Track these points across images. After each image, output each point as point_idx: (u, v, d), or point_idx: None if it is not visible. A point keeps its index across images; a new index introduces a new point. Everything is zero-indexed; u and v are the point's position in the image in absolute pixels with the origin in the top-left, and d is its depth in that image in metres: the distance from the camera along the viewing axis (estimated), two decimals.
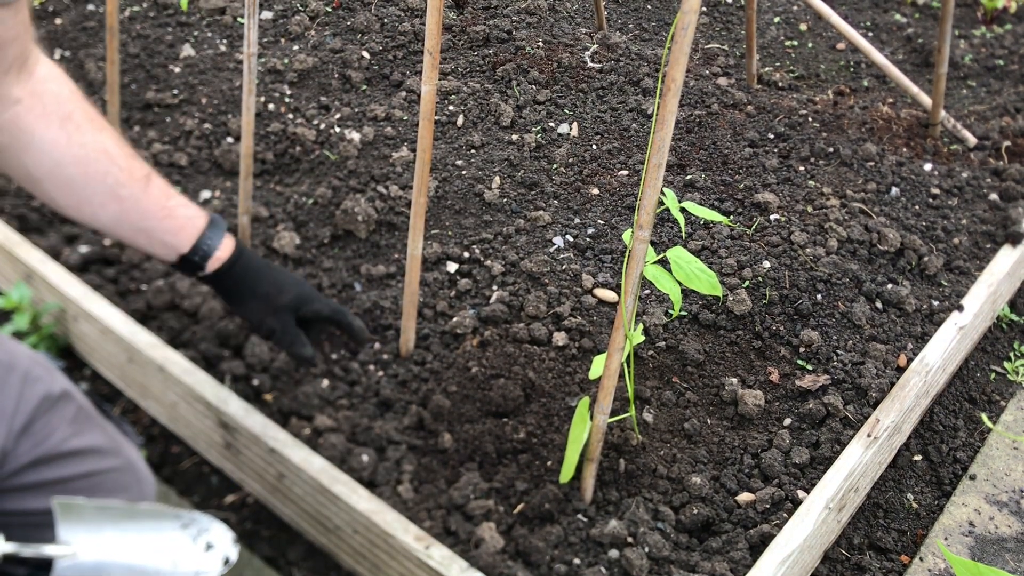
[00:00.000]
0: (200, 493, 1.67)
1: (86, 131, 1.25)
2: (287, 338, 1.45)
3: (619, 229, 2.18)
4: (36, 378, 1.27)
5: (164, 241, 1.33)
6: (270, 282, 1.43)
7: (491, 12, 3.06)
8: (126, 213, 1.29)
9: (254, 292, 1.41)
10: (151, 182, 1.31)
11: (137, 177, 1.29)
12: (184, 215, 1.34)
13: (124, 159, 1.28)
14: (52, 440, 1.27)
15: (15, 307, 1.85)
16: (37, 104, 1.21)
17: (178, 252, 1.34)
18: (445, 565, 1.38)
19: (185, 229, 1.34)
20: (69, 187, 1.25)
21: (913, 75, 2.84)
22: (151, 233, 1.32)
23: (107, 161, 1.26)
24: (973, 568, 0.94)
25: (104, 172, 1.26)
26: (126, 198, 1.28)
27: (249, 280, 1.41)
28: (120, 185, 1.27)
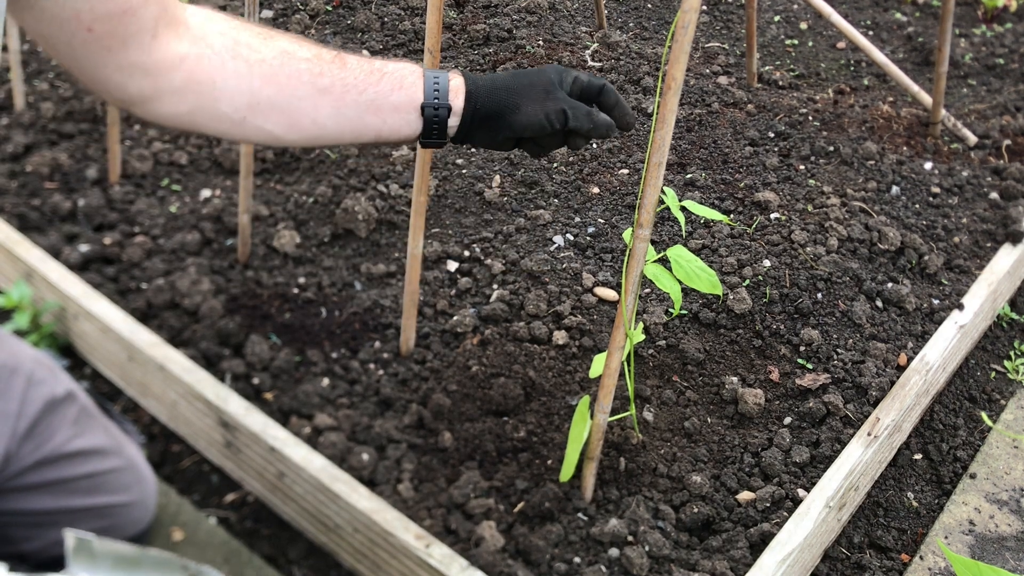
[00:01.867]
0: (200, 492, 1.67)
1: (259, 47, 1.14)
2: (580, 112, 1.20)
3: (619, 228, 2.17)
4: (40, 380, 1.27)
5: (394, 103, 1.17)
6: (519, 76, 1.22)
7: (491, 11, 3.06)
8: (341, 99, 1.16)
9: (517, 92, 1.20)
10: (345, 59, 1.19)
11: (328, 60, 1.17)
12: (396, 67, 1.19)
13: (306, 51, 1.17)
14: (55, 441, 1.27)
15: (15, 306, 1.85)
16: (205, 49, 1.11)
17: (415, 104, 1.17)
18: (445, 564, 1.38)
19: (405, 78, 1.18)
20: (274, 110, 1.14)
21: (913, 74, 2.84)
22: (377, 103, 1.16)
23: (292, 62, 1.15)
24: (973, 567, 0.94)
25: (296, 73, 1.14)
26: (331, 86, 1.15)
27: (502, 88, 1.20)
28: (317, 76, 1.15)
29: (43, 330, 1.87)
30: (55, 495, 1.29)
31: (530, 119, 1.19)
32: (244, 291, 1.94)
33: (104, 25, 1.00)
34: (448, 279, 2.00)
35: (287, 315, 1.90)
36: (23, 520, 1.29)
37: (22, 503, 1.27)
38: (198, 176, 2.28)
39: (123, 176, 2.24)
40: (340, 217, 2.10)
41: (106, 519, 1.36)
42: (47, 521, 1.30)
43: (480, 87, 1.20)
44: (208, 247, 2.06)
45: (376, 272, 2.00)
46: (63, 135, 2.38)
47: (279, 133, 1.16)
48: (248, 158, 1.88)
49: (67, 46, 1.02)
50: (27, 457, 1.24)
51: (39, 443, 1.25)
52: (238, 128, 1.15)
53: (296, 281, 1.97)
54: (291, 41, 1.16)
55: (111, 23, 1.00)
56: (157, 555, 1.17)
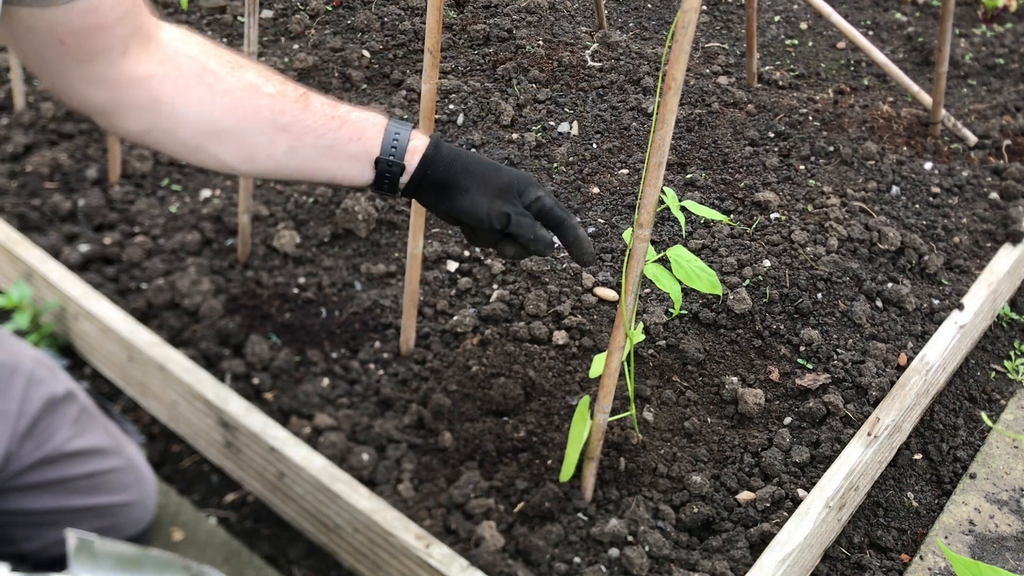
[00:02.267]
0: (200, 492, 1.67)
1: (226, 76, 1.14)
2: (526, 222, 1.18)
3: (619, 228, 2.17)
4: (40, 380, 1.27)
5: (351, 152, 1.17)
6: (484, 163, 1.21)
7: (491, 11, 3.06)
8: (299, 139, 1.16)
9: (472, 175, 1.19)
10: (309, 99, 1.18)
11: (292, 99, 1.17)
12: (359, 117, 1.19)
13: (272, 86, 1.16)
14: (55, 441, 1.27)
15: (15, 306, 1.85)
16: (171, 71, 1.11)
17: (370, 156, 1.17)
18: (445, 564, 1.38)
19: (366, 130, 1.18)
20: (232, 139, 1.14)
21: (913, 74, 2.84)
22: (334, 149, 1.16)
23: (255, 95, 1.14)
24: (973, 567, 0.94)
25: (256, 108, 1.14)
26: (290, 124, 1.15)
27: (460, 164, 1.19)
28: (278, 113, 1.15)
29: (43, 330, 1.87)
30: (55, 495, 1.29)
31: (471, 207, 1.19)
32: (244, 291, 1.94)
33: (76, 38, 1.01)
34: (448, 279, 2.00)
35: (287, 315, 1.90)
36: (23, 520, 1.29)
37: (22, 503, 1.27)
38: (198, 176, 2.28)
39: (123, 176, 2.24)
40: (340, 217, 2.10)
41: (106, 519, 1.36)
42: (47, 521, 1.30)
43: (440, 155, 1.20)
44: (208, 247, 2.06)
45: (376, 272, 2.00)
46: (63, 135, 2.38)
47: (233, 163, 1.17)
48: None
49: (36, 54, 1.03)
50: (27, 457, 1.24)
51: (39, 443, 1.25)
52: (193, 153, 1.15)
53: (296, 281, 1.97)
54: (258, 74, 1.16)
55: (84, 37, 1.01)
56: (159, 555, 1.17)
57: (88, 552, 1.10)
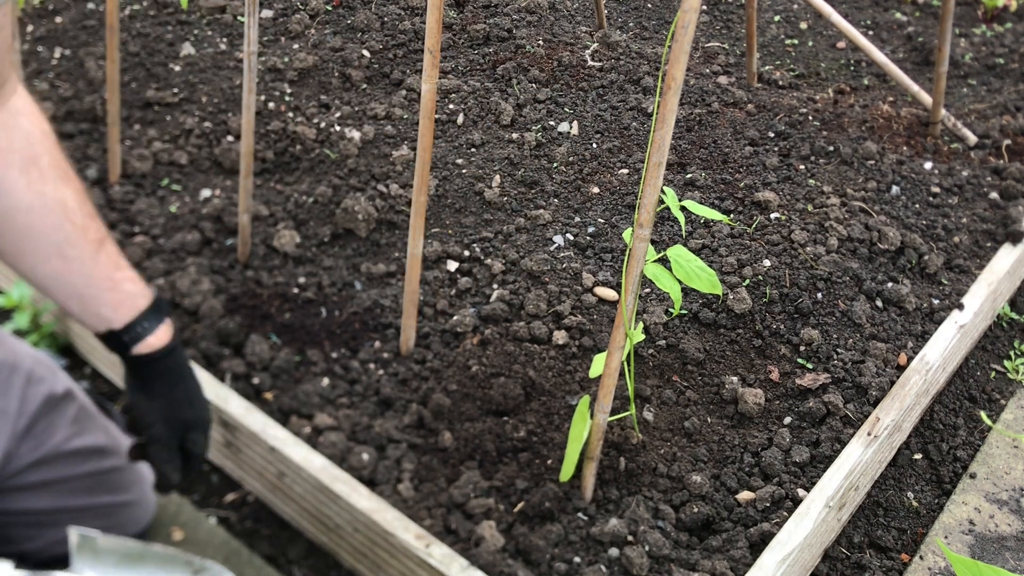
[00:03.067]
0: (200, 491, 1.67)
1: (48, 179, 1.15)
2: (166, 453, 1.27)
3: (619, 228, 2.17)
4: (39, 379, 1.27)
5: (99, 313, 1.21)
6: (185, 391, 1.29)
7: (491, 10, 3.06)
8: (68, 275, 1.18)
9: (166, 395, 1.27)
10: (103, 247, 1.21)
11: (90, 239, 1.19)
12: (128, 291, 1.23)
13: (81, 217, 1.18)
14: (54, 440, 1.27)
15: (15, 305, 1.85)
16: (3, 139, 1.11)
17: (110, 327, 1.22)
18: (445, 564, 1.38)
19: (124, 305, 1.22)
20: (14, 234, 1.14)
21: (913, 74, 2.84)
22: (88, 301, 1.21)
23: (62, 216, 1.16)
24: (973, 566, 0.94)
25: (56, 227, 1.15)
26: (72, 259, 1.17)
27: (169, 380, 1.27)
28: (69, 244, 1.17)
29: (43, 330, 1.87)
30: (55, 494, 1.29)
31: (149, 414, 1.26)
32: (244, 291, 1.94)
33: None
34: (448, 279, 2.00)
35: (287, 315, 1.90)
36: (23, 519, 1.29)
37: (22, 502, 1.27)
38: (198, 176, 2.28)
39: (123, 176, 2.24)
40: (340, 217, 2.10)
41: (106, 518, 1.36)
42: (47, 520, 1.30)
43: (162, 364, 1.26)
44: (208, 247, 2.06)
45: (376, 272, 2.00)
46: (63, 135, 2.38)
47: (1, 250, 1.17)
48: (248, 158, 1.88)
49: None
50: (27, 456, 1.24)
51: (39, 442, 1.25)
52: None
53: (296, 281, 1.97)
54: (75, 197, 1.17)
55: None
56: (161, 550, 1.17)
57: (90, 548, 1.10)
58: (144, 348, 1.23)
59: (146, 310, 1.23)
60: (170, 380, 1.27)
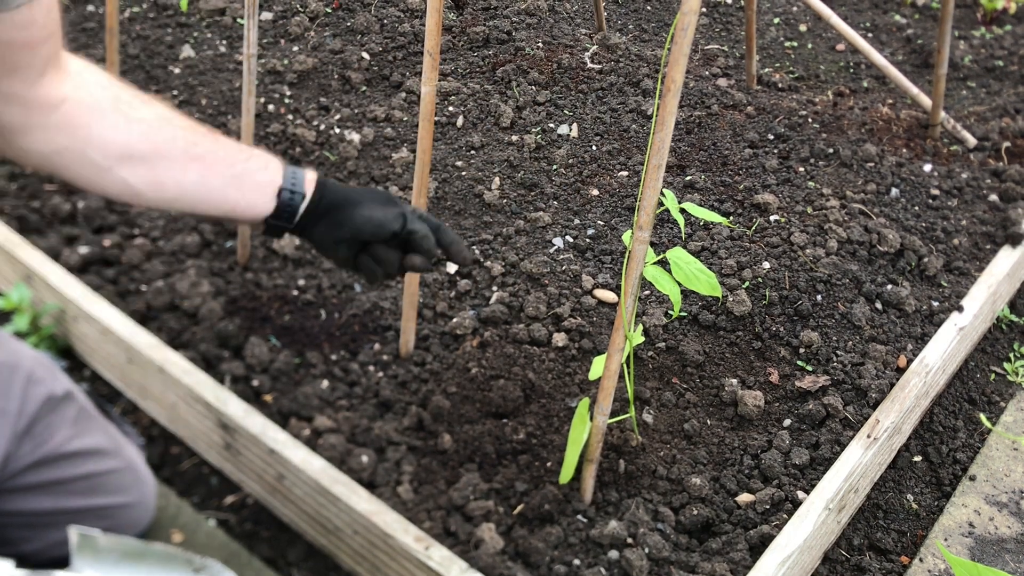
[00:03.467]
0: (200, 494, 1.67)
1: (139, 107, 1.18)
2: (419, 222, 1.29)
3: (619, 230, 2.18)
4: (39, 379, 1.27)
5: (257, 181, 1.22)
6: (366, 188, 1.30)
7: (491, 13, 3.06)
8: (211, 167, 1.20)
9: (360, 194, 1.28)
10: (218, 135, 1.24)
11: (203, 132, 1.22)
12: (261, 153, 1.26)
13: (184, 120, 1.21)
14: (54, 441, 1.27)
15: (15, 308, 1.85)
16: (84, 96, 1.14)
17: (274, 185, 1.23)
18: (445, 566, 1.38)
19: (270, 162, 1.24)
20: (144, 164, 1.17)
21: (913, 76, 2.84)
22: (242, 178, 1.22)
23: (170, 127, 1.19)
24: (973, 569, 0.94)
25: (172, 137, 1.18)
26: (203, 154, 1.20)
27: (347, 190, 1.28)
28: (192, 144, 1.19)
29: (43, 332, 1.87)
30: (54, 496, 1.29)
31: (371, 215, 1.26)
32: (243, 293, 1.94)
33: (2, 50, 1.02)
34: (448, 281, 2.00)
35: (287, 317, 1.90)
36: (22, 521, 1.29)
37: (21, 504, 1.27)
38: None
39: None
40: None
41: (105, 520, 1.36)
42: (46, 522, 1.30)
43: (330, 183, 1.28)
44: (208, 249, 2.06)
45: None
46: None
47: (140, 188, 1.18)
48: None
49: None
50: (26, 457, 1.24)
51: (38, 443, 1.26)
52: (100, 176, 1.17)
53: (296, 283, 1.97)
54: (169, 109, 1.21)
55: (7, 51, 1.03)
56: (162, 549, 1.17)
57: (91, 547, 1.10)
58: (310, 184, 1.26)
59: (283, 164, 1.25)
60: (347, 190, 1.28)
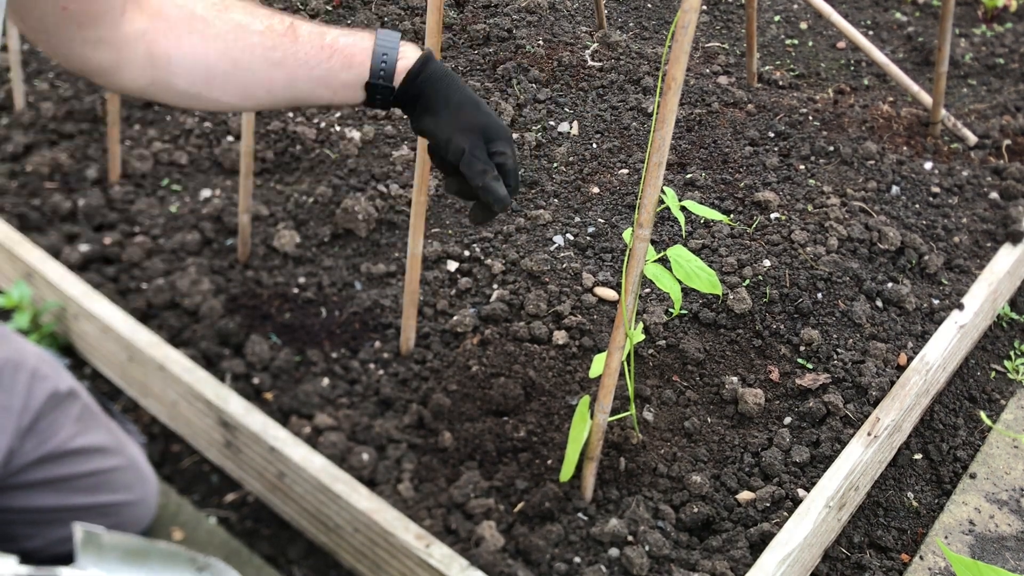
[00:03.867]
0: (200, 491, 1.67)
1: (214, 20, 1.17)
2: (477, 166, 1.20)
3: (619, 228, 2.17)
4: (44, 376, 1.27)
5: (343, 80, 1.21)
6: (468, 96, 1.23)
7: (491, 11, 3.06)
8: (294, 73, 1.20)
9: (448, 101, 1.22)
10: (297, 31, 1.22)
11: (281, 32, 1.20)
12: (347, 43, 1.22)
13: (260, 22, 1.20)
14: (58, 438, 1.27)
15: (15, 306, 1.85)
16: (161, 24, 1.14)
17: (361, 81, 1.21)
18: (445, 564, 1.38)
19: (356, 56, 1.21)
20: (228, 83, 1.18)
21: (913, 74, 2.84)
22: (327, 79, 1.21)
23: (245, 36, 1.18)
24: (973, 566, 0.94)
25: (250, 47, 1.18)
26: (283, 60, 1.19)
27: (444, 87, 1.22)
28: (270, 50, 1.19)
29: (43, 330, 1.87)
30: (57, 493, 1.29)
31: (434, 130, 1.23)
32: (244, 291, 1.94)
33: (79, 4, 1.05)
34: (448, 279, 2.00)
35: (287, 315, 1.90)
36: (25, 518, 1.30)
37: (24, 500, 1.28)
38: (198, 176, 2.28)
39: (123, 176, 2.25)
40: (340, 217, 2.10)
41: (108, 518, 1.36)
42: (49, 519, 1.30)
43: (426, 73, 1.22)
44: (208, 247, 2.06)
45: (376, 272, 2.00)
46: (63, 135, 2.38)
47: (234, 102, 1.22)
48: (248, 158, 1.88)
49: (39, 20, 1.06)
50: (30, 453, 1.25)
51: (42, 439, 1.26)
52: (193, 101, 1.20)
53: (296, 281, 1.97)
54: (245, 12, 1.20)
55: (86, 3, 1.06)
56: (165, 547, 1.17)
57: (95, 545, 1.10)
58: (401, 73, 1.22)
59: (375, 45, 1.22)
60: (444, 88, 1.23)
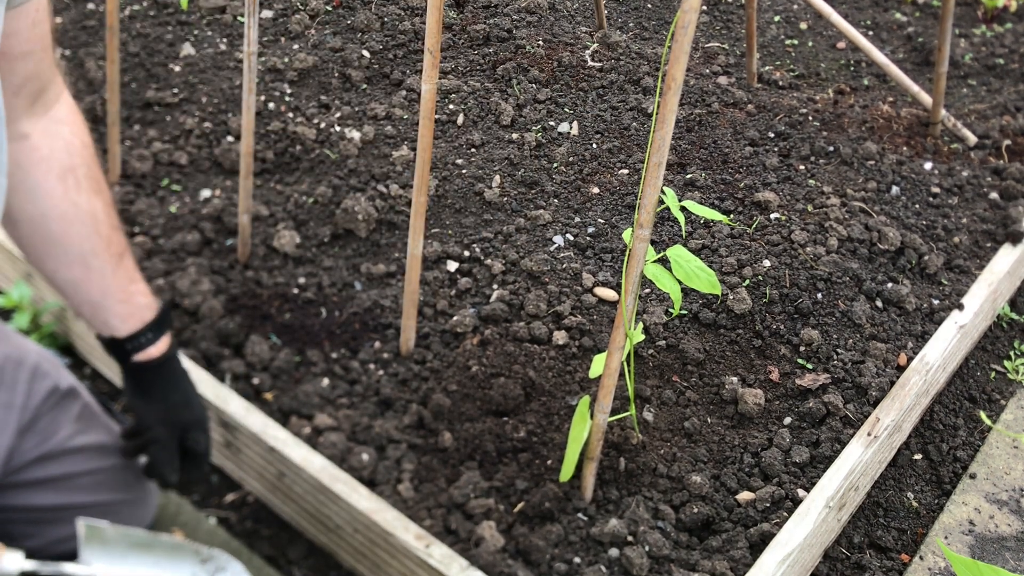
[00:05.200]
0: (200, 492, 1.67)
1: (83, 190, 1.20)
2: (165, 454, 1.33)
3: (619, 228, 2.18)
4: (44, 373, 1.28)
5: (108, 322, 1.27)
6: (182, 394, 1.35)
7: (491, 11, 3.06)
8: (88, 283, 1.24)
9: (163, 399, 1.33)
10: (123, 261, 1.27)
11: (113, 252, 1.24)
12: (139, 303, 1.29)
13: (108, 229, 1.24)
14: (58, 437, 1.27)
15: (15, 306, 1.85)
16: (44, 146, 1.16)
17: (114, 335, 1.28)
18: (445, 564, 1.38)
19: (133, 317, 1.28)
20: (45, 239, 1.20)
21: (913, 74, 2.84)
22: (100, 310, 1.26)
23: (92, 227, 1.21)
24: (973, 566, 0.94)
25: (84, 237, 1.21)
26: (94, 269, 1.23)
27: (166, 385, 1.33)
28: (94, 255, 1.22)
29: (43, 330, 1.87)
30: (58, 491, 1.29)
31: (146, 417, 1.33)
32: (244, 291, 1.94)
33: None
34: (448, 279, 2.00)
35: (287, 315, 1.90)
36: (25, 516, 1.30)
37: (25, 499, 1.28)
38: (198, 176, 2.28)
39: (123, 176, 2.24)
40: (340, 217, 2.10)
41: (108, 517, 1.36)
42: (49, 518, 1.30)
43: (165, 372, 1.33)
44: (208, 247, 2.06)
45: (376, 272, 2.00)
46: None
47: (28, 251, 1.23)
48: (248, 158, 1.88)
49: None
50: (31, 451, 1.25)
51: (43, 437, 1.26)
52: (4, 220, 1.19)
53: (296, 281, 1.97)
54: (106, 211, 1.24)
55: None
56: (169, 540, 1.17)
57: (99, 538, 1.10)
58: (143, 357, 1.29)
59: (151, 322, 1.29)
60: (167, 385, 1.33)
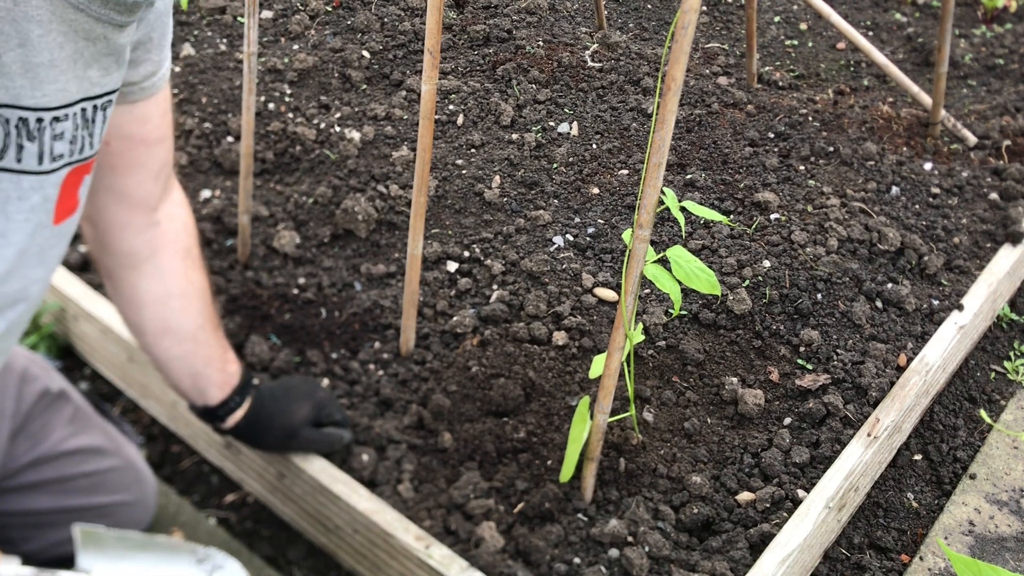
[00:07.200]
0: (200, 492, 1.67)
1: (197, 267, 1.26)
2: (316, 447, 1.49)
3: (619, 228, 2.17)
4: (34, 376, 1.28)
5: (205, 391, 1.33)
6: (281, 412, 1.44)
7: (491, 11, 3.06)
8: (194, 355, 1.29)
9: (270, 429, 1.43)
10: (219, 330, 1.33)
11: (215, 323, 1.31)
12: (230, 372, 1.35)
13: (211, 301, 1.29)
14: (51, 440, 1.27)
15: None
16: (170, 229, 1.21)
17: (207, 403, 1.35)
18: (445, 564, 1.38)
19: (227, 384, 1.35)
20: (165, 317, 1.24)
21: (913, 74, 2.84)
22: (200, 379, 1.31)
23: (202, 302, 1.27)
24: (973, 566, 0.94)
25: (198, 311, 1.26)
26: (202, 342, 1.28)
27: (262, 424, 1.42)
28: (201, 328, 1.27)
29: (43, 331, 1.87)
30: (53, 495, 1.29)
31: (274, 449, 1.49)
32: (244, 291, 1.94)
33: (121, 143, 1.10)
34: (448, 279, 2.00)
35: (287, 316, 1.90)
36: (21, 521, 1.29)
37: (20, 503, 1.28)
38: (198, 176, 2.28)
39: None
40: (340, 217, 2.10)
41: (105, 519, 1.36)
42: (46, 521, 1.30)
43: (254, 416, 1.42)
44: (208, 247, 2.06)
45: (376, 272, 2.00)
46: None
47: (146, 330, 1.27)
48: (248, 159, 1.88)
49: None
50: (24, 455, 1.25)
51: (35, 441, 1.26)
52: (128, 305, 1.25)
53: (296, 282, 1.97)
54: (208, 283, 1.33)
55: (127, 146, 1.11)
56: (166, 541, 1.17)
57: (95, 541, 1.10)
58: (231, 422, 1.38)
59: (238, 386, 1.36)
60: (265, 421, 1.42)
